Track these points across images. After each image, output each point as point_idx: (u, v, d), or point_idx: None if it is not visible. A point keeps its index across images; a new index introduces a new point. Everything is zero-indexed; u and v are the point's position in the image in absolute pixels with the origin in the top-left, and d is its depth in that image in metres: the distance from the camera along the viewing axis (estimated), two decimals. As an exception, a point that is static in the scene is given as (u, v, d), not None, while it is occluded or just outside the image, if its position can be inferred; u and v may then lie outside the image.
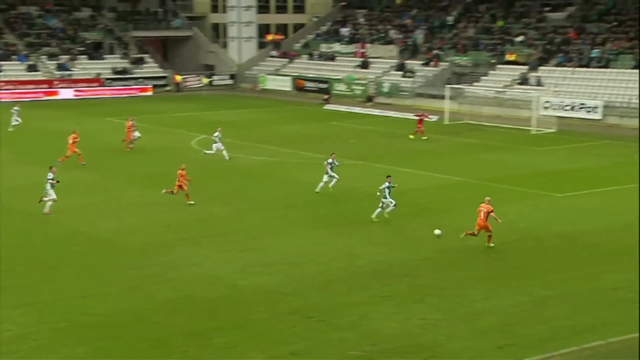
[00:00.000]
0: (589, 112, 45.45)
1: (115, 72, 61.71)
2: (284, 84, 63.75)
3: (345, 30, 66.36)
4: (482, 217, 20.86)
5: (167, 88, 62.82)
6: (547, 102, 46.65)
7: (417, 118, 40.59)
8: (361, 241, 21.86)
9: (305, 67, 65.21)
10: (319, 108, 53.79)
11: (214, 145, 33.16)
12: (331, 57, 64.49)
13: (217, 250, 21.07)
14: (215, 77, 66.03)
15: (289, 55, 67.66)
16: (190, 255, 20.56)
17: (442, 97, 49.81)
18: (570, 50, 50.96)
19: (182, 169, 25.78)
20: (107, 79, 60.94)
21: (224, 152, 33.01)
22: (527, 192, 27.59)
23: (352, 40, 64.80)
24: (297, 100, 58.51)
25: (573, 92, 47.50)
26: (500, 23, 57.86)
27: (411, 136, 39.95)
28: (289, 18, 74.85)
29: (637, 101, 44.48)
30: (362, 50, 62.66)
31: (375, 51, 61.89)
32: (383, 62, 61.03)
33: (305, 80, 62.66)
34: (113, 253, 20.84)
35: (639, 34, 49.29)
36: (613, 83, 46.72)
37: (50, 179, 23.77)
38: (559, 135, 40.99)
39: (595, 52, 49.45)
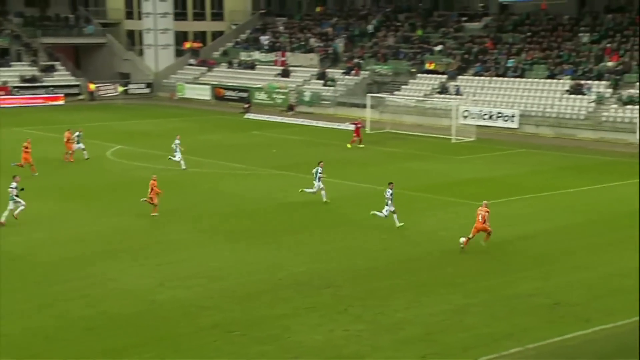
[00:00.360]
0: (506, 120, 46.83)
1: (24, 80, 59.77)
2: (203, 93, 63.21)
3: (265, 39, 66.40)
4: (480, 220, 21.48)
5: (81, 97, 61.30)
6: (466, 111, 47.82)
7: (354, 127, 41.00)
8: (283, 252, 21.81)
9: (224, 75, 64.83)
10: (240, 117, 53.55)
11: (176, 154, 33.54)
12: (251, 66, 64.39)
13: (134, 264, 20.61)
14: (131, 86, 64.89)
15: (208, 64, 67.16)
16: (106, 270, 20.04)
17: (364, 106, 50.36)
18: (487, 60, 52.44)
19: (154, 179, 25.80)
20: (15, 87, 58.96)
21: (181, 161, 33.42)
22: (448, 201, 28.13)
23: (272, 48, 64.89)
24: (217, 109, 58.09)
25: (491, 101, 48.86)
26: (419, 32, 59.07)
27: (348, 145, 40.41)
28: (208, 25, 74.28)
29: (551, 110, 46.13)
30: (283, 59, 62.81)
31: (296, 59, 62.15)
32: (304, 70, 61.30)
33: (225, 88, 62.29)
34: (22, 269, 20.10)
35: (551, 45, 51.19)
36: (528, 92, 48.28)
37: (13, 188, 24.29)
38: (478, 144, 42.03)
39: (511, 62, 51.04)
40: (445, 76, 52.95)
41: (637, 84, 44.70)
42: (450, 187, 30.61)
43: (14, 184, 24.41)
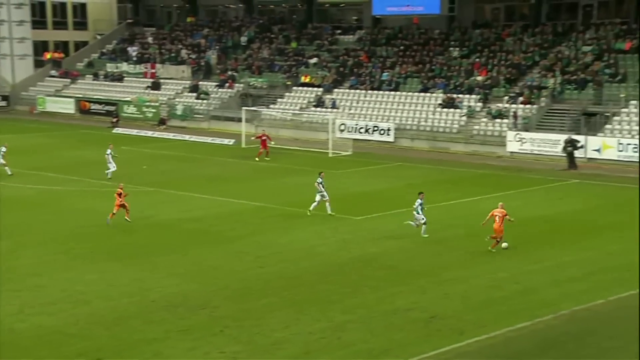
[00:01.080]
0: (382, 134, 48.07)
1: None
2: (67, 106, 61.19)
3: (133, 49, 65.10)
4: (497, 222, 23.15)
5: None
6: (342, 124, 48.73)
7: (260, 139, 41.34)
8: (154, 273, 21.36)
9: (90, 87, 63.10)
10: (107, 132, 52.17)
11: (110, 165, 34.31)
12: (119, 78, 62.97)
13: (-10, 293, 19.54)
14: (-15, 99, 61.85)
15: (71, 75, 65.12)
16: (-43, 300, 18.87)
17: (239, 120, 50.33)
18: (362, 73, 53.71)
19: (120, 188, 26.94)
20: None
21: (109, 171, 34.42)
22: (326, 216, 28.42)
23: (140, 60, 63.74)
24: (82, 123, 56.39)
25: (367, 114, 50.03)
26: (294, 45, 59.76)
27: (256, 159, 40.55)
28: (70, 35, 72.03)
29: (426, 123, 47.79)
30: (152, 71, 61.81)
31: (167, 72, 61.34)
32: (175, 83, 60.57)
33: (91, 102, 60.62)
34: None
35: (424, 59, 53.13)
36: (403, 106, 49.80)
37: None
38: (355, 158, 42.89)
39: (385, 75, 52.53)
40: (321, 89, 53.77)
41: (505, 98, 47.12)
42: (332, 202, 30.99)
43: None
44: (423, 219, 25.11)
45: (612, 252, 23.63)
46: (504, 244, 23.64)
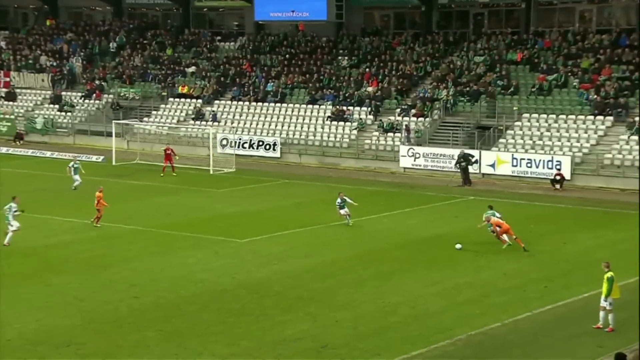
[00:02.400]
0: (267, 149, 48.31)
1: None
2: None
3: (-16, 55, 62.77)
4: (503, 227, 26.81)
5: None
6: (224, 139, 48.67)
7: (164, 152, 41.43)
8: (11, 307, 20.66)
9: None
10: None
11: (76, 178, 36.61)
12: (-32, 87, 60.48)
13: None
14: None
15: None
16: None
17: (108, 134, 49.38)
18: (245, 84, 53.83)
19: (100, 191, 29.34)
20: None
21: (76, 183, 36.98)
22: (207, 239, 28.40)
23: (-7, 67, 61.51)
24: None
25: (251, 128, 50.15)
26: (169, 52, 59.25)
27: (161, 174, 40.17)
28: None
29: (314, 138, 48.38)
30: (6, 80, 59.84)
31: (24, 80, 59.52)
32: (34, 93, 58.82)
33: None
34: None
35: (311, 69, 53.82)
36: (290, 119, 50.24)
37: (14, 210, 26.99)
38: (239, 175, 42.90)
39: (270, 86, 52.86)
40: (200, 101, 53.54)
41: (397, 110, 48.36)
42: (210, 223, 30.95)
43: (14, 205, 27.16)
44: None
45: (507, 272, 24.71)
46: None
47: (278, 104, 51.41)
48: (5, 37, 65.54)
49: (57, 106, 56.37)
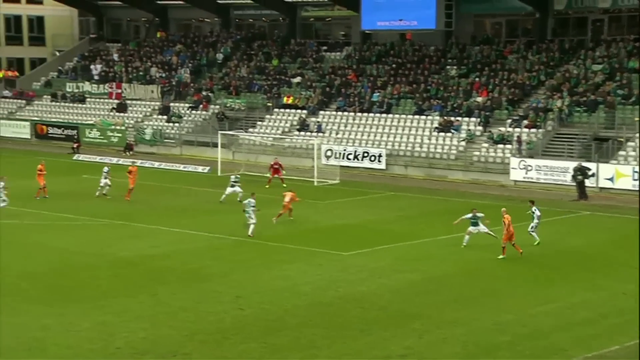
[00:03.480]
0: (372, 161, 48.30)
1: None
2: (22, 130, 61.17)
3: (96, 67, 65.24)
4: (510, 229, 27.13)
5: None
6: (329, 150, 48.95)
7: (272, 167, 42.43)
8: (119, 317, 21.23)
9: (47, 110, 63.16)
10: (68, 159, 52.10)
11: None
12: (80, 99, 63.04)
13: None
14: None
15: (27, 96, 65.13)
16: None
17: (214, 145, 50.41)
18: (350, 94, 54.03)
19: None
20: None
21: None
22: (311, 251, 28.52)
23: (105, 79, 63.90)
24: (39, 149, 56.30)
25: (356, 139, 50.27)
26: (275, 62, 60.10)
27: (267, 186, 41.24)
28: (25, 51, 72.12)
29: (420, 149, 48.05)
30: (118, 91, 61.97)
31: (134, 92, 61.52)
32: (143, 104, 60.72)
33: (49, 125, 60.59)
34: None
35: (418, 78, 53.51)
36: (395, 130, 50.09)
37: (252, 205, 30.29)
38: (343, 187, 43.05)
39: (376, 96, 52.88)
40: (305, 111, 54.02)
41: (508, 121, 47.49)
42: (313, 235, 31.12)
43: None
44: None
45: (627, 292, 23.77)
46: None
47: (384, 115, 51.35)
48: (117, 50, 67.90)
49: (165, 117, 57.99)
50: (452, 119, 48.83)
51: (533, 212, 29.36)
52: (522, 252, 27.53)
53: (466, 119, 48.77)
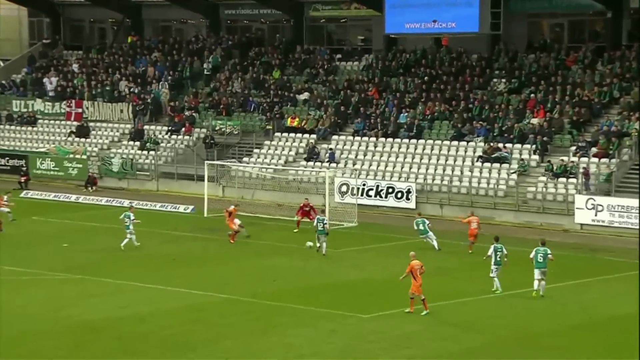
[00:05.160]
0: (399, 198, 48.26)
1: None
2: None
3: (50, 81, 65.72)
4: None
5: None
6: (344, 184, 49.06)
7: (302, 209, 43.08)
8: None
9: (-11, 134, 63.49)
10: (13, 196, 52.36)
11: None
12: (30, 120, 63.50)
13: None
14: None
15: (-38, 117, 65.56)
16: None
17: (200, 179, 50.61)
18: (371, 114, 54.16)
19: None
20: None
21: None
22: (321, 312, 28.56)
23: (61, 95, 64.31)
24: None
25: (378, 171, 50.28)
26: (276, 74, 60.43)
27: (295, 230, 42.08)
28: (-42, 60, 72.67)
29: (460, 184, 48.06)
30: (78, 111, 62.35)
31: (98, 112, 61.85)
32: (110, 127, 61.05)
33: (-10, 154, 60.87)
34: None
35: (457, 95, 53.60)
36: (428, 159, 50.09)
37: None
38: (362, 231, 43.02)
39: (403, 117, 53.01)
40: (314, 136, 54.25)
41: (572, 149, 47.60)
42: (325, 293, 31.25)
43: None
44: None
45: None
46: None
47: (413, 140, 51.48)
48: (78, 59, 68.31)
49: (138, 143, 58.32)
50: (500, 145, 48.92)
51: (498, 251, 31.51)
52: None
53: (518, 145, 48.80)
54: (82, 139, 60.52)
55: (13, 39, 73.33)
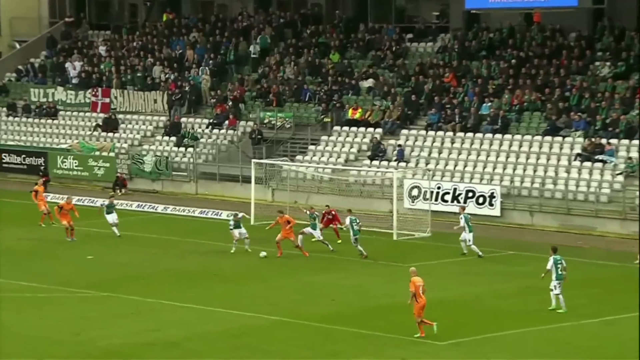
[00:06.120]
0: (481, 204, 47.90)
1: None
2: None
3: (74, 66, 66.19)
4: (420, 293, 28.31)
5: None
6: (415, 187, 48.74)
7: (325, 217, 43.34)
8: None
9: (1, 128, 64.09)
10: (30, 200, 52.61)
11: None
12: (50, 112, 64.00)
13: None
14: None
15: (-28, 108, 66.37)
16: None
17: (246, 180, 50.63)
18: (447, 104, 53.84)
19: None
20: None
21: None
22: (387, 338, 28.38)
23: (86, 82, 64.79)
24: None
25: (455, 171, 49.91)
26: (335, 58, 60.29)
27: (338, 241, 42.21)
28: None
29: (554, 187, 47.52)
30: (105, 101, 62.74)
31: (128, 102, 62.19)
32: (142, 120, 61.36)
33: (3, 151, 61.44)
34: None
35: (551, 81, 53.03)
36: (516, 158, 49.54)
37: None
38: (437, 242, 42.82)
39: (486, 108, 52.62)
40: (379, 130, 54.04)
41: (691, 145, 46.86)
42: (391, 315, 30.94)
43: None
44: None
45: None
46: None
47: (498, 136, 51.15)
48: (105, 40, 68.71)
49: (174, 139, 58.49)
50: (603, 141, 48.35)
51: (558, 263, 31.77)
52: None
53: (625, 141, 48.27)
54: (110, 134, 60.85)
55: (31, 17, 74.03)
